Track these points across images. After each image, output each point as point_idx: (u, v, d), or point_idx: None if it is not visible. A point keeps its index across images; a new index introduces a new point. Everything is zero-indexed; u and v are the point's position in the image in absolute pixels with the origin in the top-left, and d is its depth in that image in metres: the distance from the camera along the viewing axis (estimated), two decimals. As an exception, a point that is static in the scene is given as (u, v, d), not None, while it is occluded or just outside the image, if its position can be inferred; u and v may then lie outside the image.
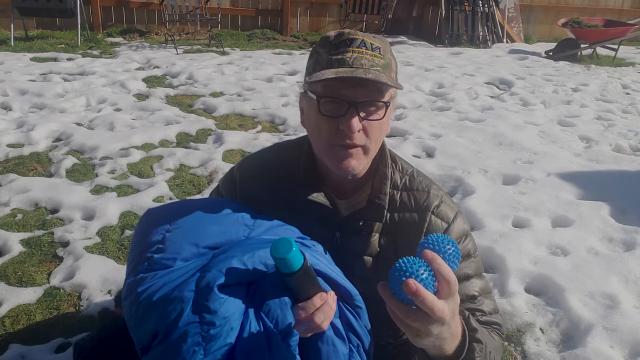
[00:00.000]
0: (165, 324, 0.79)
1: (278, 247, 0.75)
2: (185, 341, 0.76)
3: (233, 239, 0.92)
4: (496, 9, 8.78)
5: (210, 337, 0.76)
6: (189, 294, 0.79)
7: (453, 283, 0.69)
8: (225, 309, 0.77)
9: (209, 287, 0.78)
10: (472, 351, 0.83)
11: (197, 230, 0.93)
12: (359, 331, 0.88)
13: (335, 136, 0.94)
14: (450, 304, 0.70)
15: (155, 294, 0.82)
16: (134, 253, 0.95)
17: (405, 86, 5.68)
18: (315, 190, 1.04)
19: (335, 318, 0.85)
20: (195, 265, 0.85)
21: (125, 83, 5.30)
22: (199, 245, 0.90)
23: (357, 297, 0.88)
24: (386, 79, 0.90)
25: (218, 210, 1.00)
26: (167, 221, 0.96)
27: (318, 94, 0.94)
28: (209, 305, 0.77)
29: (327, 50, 0.93)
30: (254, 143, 3.95)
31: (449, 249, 0.71)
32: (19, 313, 2.11)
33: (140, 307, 0.84)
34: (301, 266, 0.76)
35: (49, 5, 6.61)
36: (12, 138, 3.82)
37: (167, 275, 0.85)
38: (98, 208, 2.86)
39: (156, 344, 0.80)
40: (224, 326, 0.77)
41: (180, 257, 0.89)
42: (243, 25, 8.69)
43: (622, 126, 4.74)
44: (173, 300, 0.80)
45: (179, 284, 0.82)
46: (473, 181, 3.39)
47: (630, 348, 2.02)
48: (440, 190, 1.09)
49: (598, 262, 2.54)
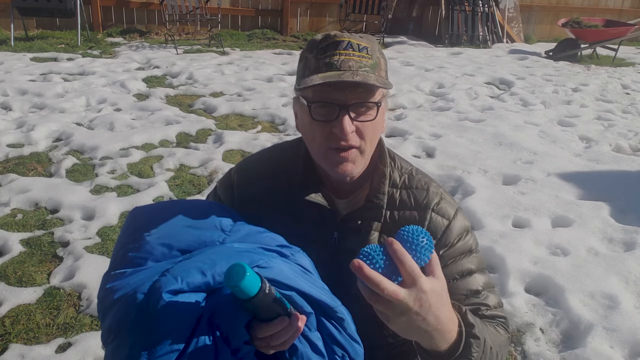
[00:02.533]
0: (118, 323, 0.80)
1: (231, 275, 0.71)
2: (133, 345, 0.77)
3: (207, 243, 0.92)
4: (496, 9, 8.78)
5: (154, 342, 0.76)
6: (140, 296, 0.80)
7: (416, 275, 0.71)
8: (172, 314, 0.77)
9: (159, 291, 0.78)
10: (468, 347, 0.83)
11: (172, 232, 0.93)
12: (342, 342, 0.88)
13: (330, 140, 0.94)
14: (415, 293, 0.71)
15: (118, 292, 0.84)
16: (115, 250, 0.97)
17: (405, 86, 5.68)
18: (313, 190, 1.04)
19: (312, 332, 0.85)
20: (162, 267, 0.85)
21: (125, 83, 5.30)
22: (171, 247, 0.91)
23: (339, 308, 0.87)
24: (374, 79, 0.90)
25: (200, 213, 0.99)
26: (147, 221, 0.97)
27: (309, 99, 0.94)
28: (153, 310, 0.77)
29: (315, 55, 0.94)
30: (254, 143, 3.95)
31: (422, 241, 0.73)
32: (19, 313, 2.11)
33: (104, 303, 0.86)
34: (258, 291, 0.73)
35: (49, 5, 6.61)
36: (12, 138, 3.82)
37: (134, 275, 0.86)
38: (98, 208, 2.86)
39: (110, 341, 0.82)
40: (170, 333, 0.76)
41: (151, 257, 0.89)
42: (243, 25, 8.69)
43: (622, 126, 4.74)
44: (128, 300, 0.81)
45: (138, 285, 0.82)
46: (473, 181, 3.39)
47: (630, 348, 2.02)
48: (439, 188, 1.09)
49: (598, 262, 2.54)
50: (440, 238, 1.04)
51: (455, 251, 1.04)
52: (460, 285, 1.03)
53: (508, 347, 1.03)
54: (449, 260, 1.04)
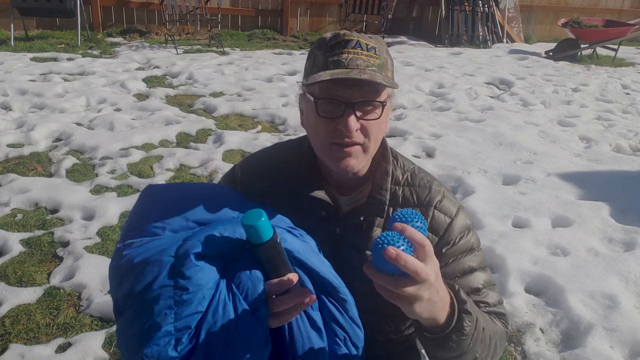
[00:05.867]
0: (141, 286, 0.81)
1: (249, 216, 0.78)
2: (157, 303, 0.78)
3: (222, 218, 0.94)
4: (496, 9, 8.78)
5: (182, 302, 0.78)
6: (167, 259, 0.81)
7: (427, 246, 0.73)
8: (200, 276, 0.79)
9: (187, 254, 0.80)
10: (461, 320, 0.85)
11: (189, 205, 0.95)
12: (344, 324, 0.89)
13: (334, 135, 0.96)
14: (431, 265, 0.74)
15: (137, 256, 0.85)
16: (128, 223, 0.97)
17: (405, 86, 5.68)
18: (315, 187, 1.05)
19: (314, 311, 0.87)
20: (181, 236, 0.87)
21: (125, 83, 5.30)
22: (188, 219, 0.93)
23: (342, 289, 0.89)
24: (381, 78, 0.91)
25: (215, 193, 1.03)
26: (162, 195, 1.00)
27: (315, 95, 0.95)
28: (184, 271, 0.79)
29: (324, 52, 0.95)
30: (254, 143, 3.95)
31: (416, 222, 0.75)
32: (19, 313, 2.11)
33: (121, 269, 0.86)
34: (270, 238, 0.79)
35: (49, 5, 6.61)
36: (12, 138, 3.82)
37: (152, 242, 0.87)
38: (98, 208, 2.86)
39: (129, 306, 0.82)
40: (197, 293, 0.78)
41: (169, 227, 0.91)
42: (243, 25, 8.69)
43: (622, 126, 4.74)
44: (151, 263, 0.82)
45: (162, 249, 0.84)
46: (473, 181, 3.39)
47: (630, 348, 2.02)
48: (441, 186, 1.10)
49: (598, 262, 2.54)
50: (442, 235, 1.05)
51: (457, 249, 1.05)
52: (461, 283, 1.03)
53: (505, 340, 1.04)
54: (451, 259, 1.05)
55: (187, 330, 0.77)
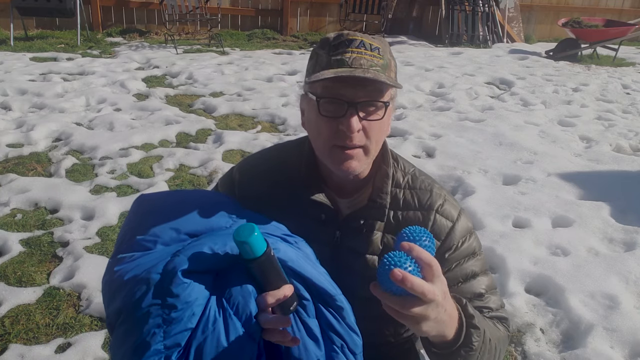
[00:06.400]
0: (130, 303, 0.80)
1: (240, 231, 0.76)
2: (146, 322, 0.78)
3: (214, 228, 0.93)
4: (496, 8, 8.78)
5: (171, 320, 0.77)
6: (155, 276, 0.81)
7: (435, 266, 0.72)
8: (188, 293, 0.78)
9: (174, 271, 0.80)
10: (469, 336, 0.84)
11: (180, 216, 0.94)
12: (341, 332, 0.88)
13: (335, 137, 0.94)
14: (438, 285, 0.73)
15: (128, 273, 0.84)
16: (120, 235, 0.97)
17: (405, 86, 5.68)
18: (315, 190, 1.04)
19: (311, 319, 0.86)
20: (172, 250, 0.86)
21: (125, 83, 5.30)
22: (179, 231, 0.92)
23: (339, 297, 0.88)
24: (385, 78, 0.90)
25: (207, 201, 1.01)
26: (154, 206, 0.99)
27: (318, 94, 0.94)
28: (172, 289, 0.78)
29: (327, 52, 0.94)
30: (254, 143, 3.95)
31: (424, 241, 0.74)
32: (19, 313, 2.10)
33: (113, 285, 0.86)
34: (263, 253, 0.77)
35: (49, 5, 6.61)
36: (12, 138, 3.82)
37: (143, 257, 0.87)
38: (98, 208, 2.86)
39: (120, 323, 0.82)
40: (186, 310, 0.78)
41: (160, 240, 0.90)
42: (243, 25, 8.69)
43: (622, 126, 4.74)
44: (140, 281, 0.81)
45: (150, 266, 0.83)
46: (473, 181, 3.39)
47: (630, 348, 2.02)
48: (442, 190, 1.09)
49: (598, 262, 2.54)
50: (444, 240, 1.04)
51: (460, 254, 1.04)
52: (464, 288, 1.03)
53: (507, 343, 1.04)
54: (454, 264, 1.04)
55: (176, 348, 0.77)
